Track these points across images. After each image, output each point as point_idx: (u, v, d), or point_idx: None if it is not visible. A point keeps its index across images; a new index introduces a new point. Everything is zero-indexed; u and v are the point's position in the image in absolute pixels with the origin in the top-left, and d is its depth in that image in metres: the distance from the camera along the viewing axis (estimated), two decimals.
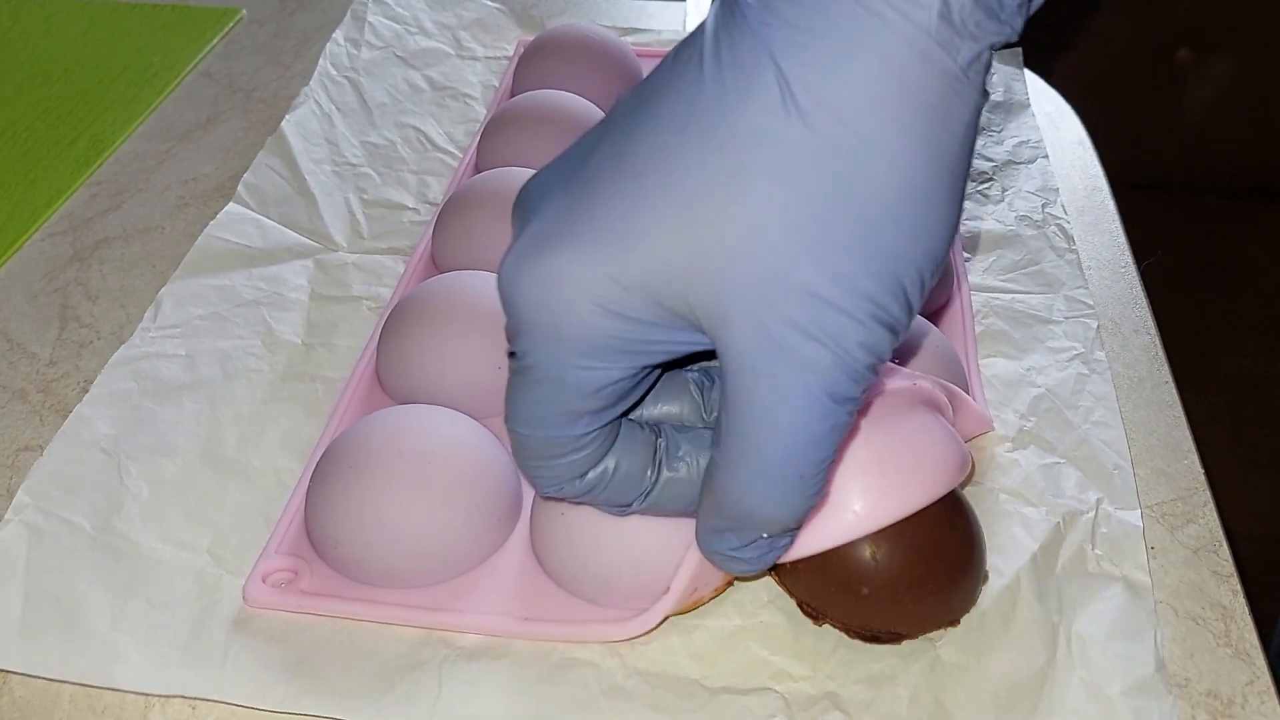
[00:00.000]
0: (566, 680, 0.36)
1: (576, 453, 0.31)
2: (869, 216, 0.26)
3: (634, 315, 0.28)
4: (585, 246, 0.28)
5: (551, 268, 0.28)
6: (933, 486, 0.35)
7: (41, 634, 0.37)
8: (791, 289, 0.27)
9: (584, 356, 0.29)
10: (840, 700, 0.35)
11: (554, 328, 0.29)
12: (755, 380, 0.28)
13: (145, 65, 0.70)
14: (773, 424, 0.28)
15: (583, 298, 0.28)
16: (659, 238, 0.27)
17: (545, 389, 0.30)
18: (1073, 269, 0.52)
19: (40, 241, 0.57)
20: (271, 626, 0.38)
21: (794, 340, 0.27)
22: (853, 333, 0.27)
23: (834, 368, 0.27)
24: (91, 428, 0.45)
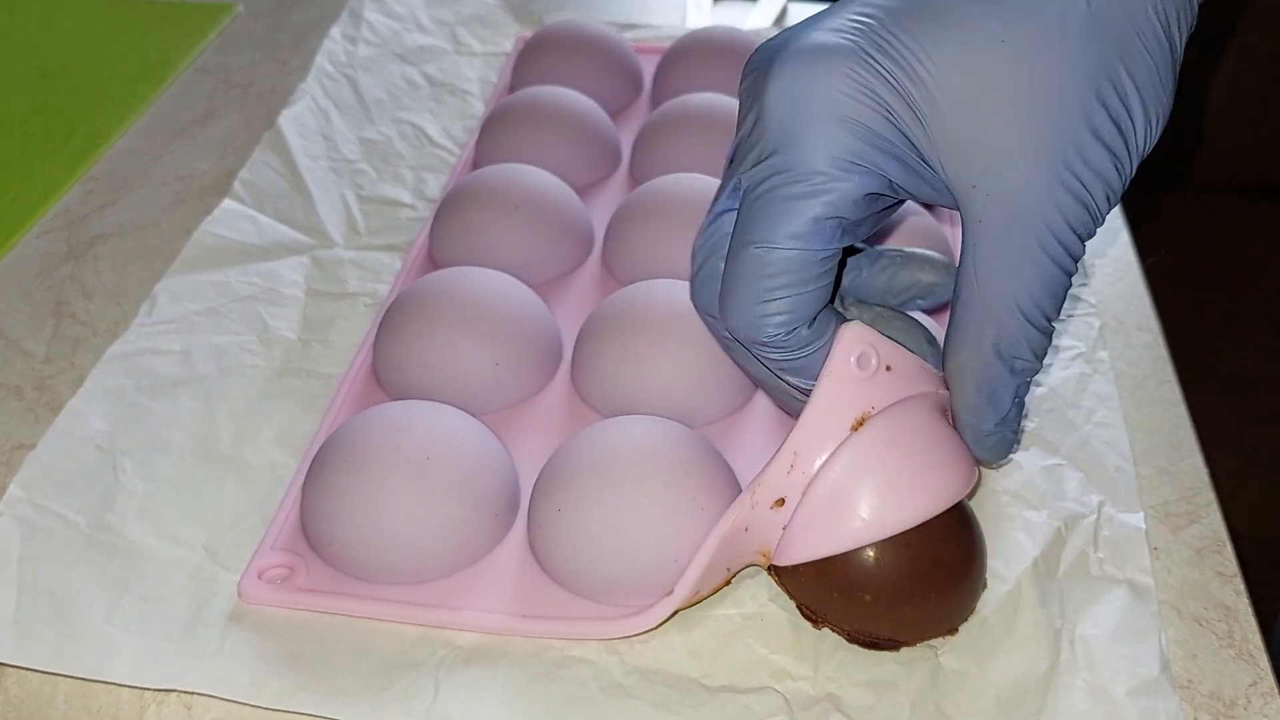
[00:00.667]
0: (564, 678, 0.36)
1: (820, 280, 0.32)
2: (1124, 85, 0.30)
3: (904, 127, 0.31)
4: (870, 52, 0.30)
5: (827, 63, 0.31)
6: (941, 498, 0.35)
7: (35, 628, 0.37)
8: (1047, 144, 0.30)
9: (852, 154, 0.31)
10: (841, 703, 0.35)
11: (822, 123, 0.30)
12: (998, 236, 0.31)
13: (141, 61, 0.69)
14: (1019, 277, 0.31)
15: (858, 91, 0.30)
16: (950, 75, 0.30)
17: (810, 196, 0.31)
18: None
19: (35, 238, 0.56)
20: (267, 623, 0.37)
21: (1037, 198, 0.30)
22: (1090, 192, 0.30)
23: (1073, 223, 0.31)
24: (85, 423, 0.45)
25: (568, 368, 0.47)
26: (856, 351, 0.34)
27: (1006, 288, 0.31)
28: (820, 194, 0.31)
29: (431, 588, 0.38)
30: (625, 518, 0.36)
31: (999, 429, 0.35)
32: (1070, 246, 0.31)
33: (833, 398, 0.34)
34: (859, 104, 0.30)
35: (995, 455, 0.36)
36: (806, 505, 0.35)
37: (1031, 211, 0.30)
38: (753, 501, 0.35)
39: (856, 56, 0.30)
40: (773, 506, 0.35)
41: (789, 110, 0.31)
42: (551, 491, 0.38)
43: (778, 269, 0.31)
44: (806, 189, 0.31)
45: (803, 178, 0.31)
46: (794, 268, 0.31)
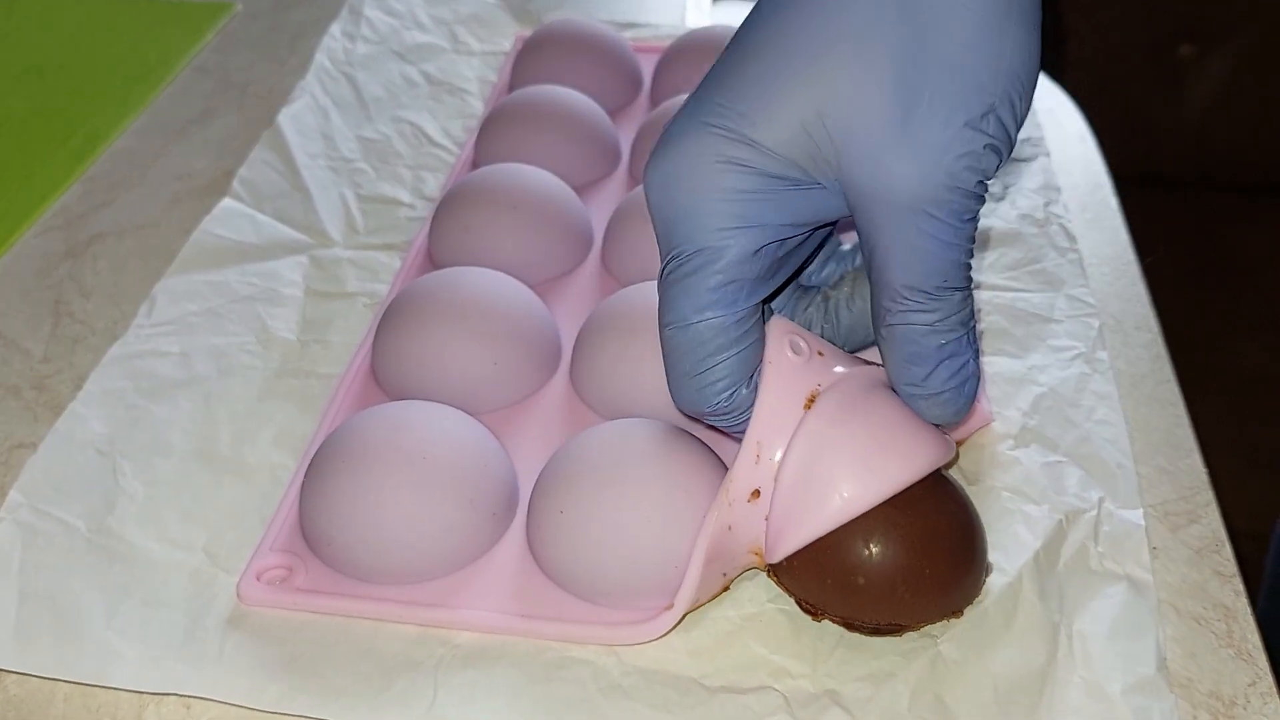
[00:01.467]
0: (563, 679, 0.36)
1: (740, 342, 0.34)
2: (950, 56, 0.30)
3: (761, 168, 0.32)
4: (707, 120, 0.32)
5: (677, 148, 0.33)
6: (914, 464, 0.35)
7: (35, 633, 0.37)
8: (889, 122, 0.31)
9: (726, 220, 0.32)
10: (840, 697, 0.35)
11: (691, 201, 0.32)
12: (888, 216, 0.31)
13: (140, 60, 0.69)
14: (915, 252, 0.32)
15: (710, 160, 0.32)
16: (780, 97, 0.32)
17: (701, 269, 0.33)
18: (1074, 268, 0.52)
19: (34, 237, 0.56)
20: (266, 624, 0.37)
21: (903, 169, 0.31)
22: (954, 152, 0.30)
23: (948, 188, 0.31)
24: (86, 426, 0.45)
25: (566, 368, 0.47)
26: (786, 340, 0.36)
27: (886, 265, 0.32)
28: (707, 266, 0.33)
29: (430, 587, 0.38)
30: (627, 521, 0.36)
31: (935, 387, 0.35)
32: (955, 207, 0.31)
33: (779, 383, 0.35)
34: (714, 171, 0.32)
35: (937, 415, 0.36)
36: (781, 492, 0.35)
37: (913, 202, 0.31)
38: (729, 499, 0.35)
39: (699, 134, 0.32)
40: (750, 500, 0.35)
41: (662, 205, 0.33)
42: (553, 493, 0.38)
43: (695, 343, 0.34)
44: (694, 265, 0.33)
45: (689, 257, 0.33)
46: (709, 338, 0.34)
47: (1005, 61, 0.31)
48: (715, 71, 0.33)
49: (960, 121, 0.30)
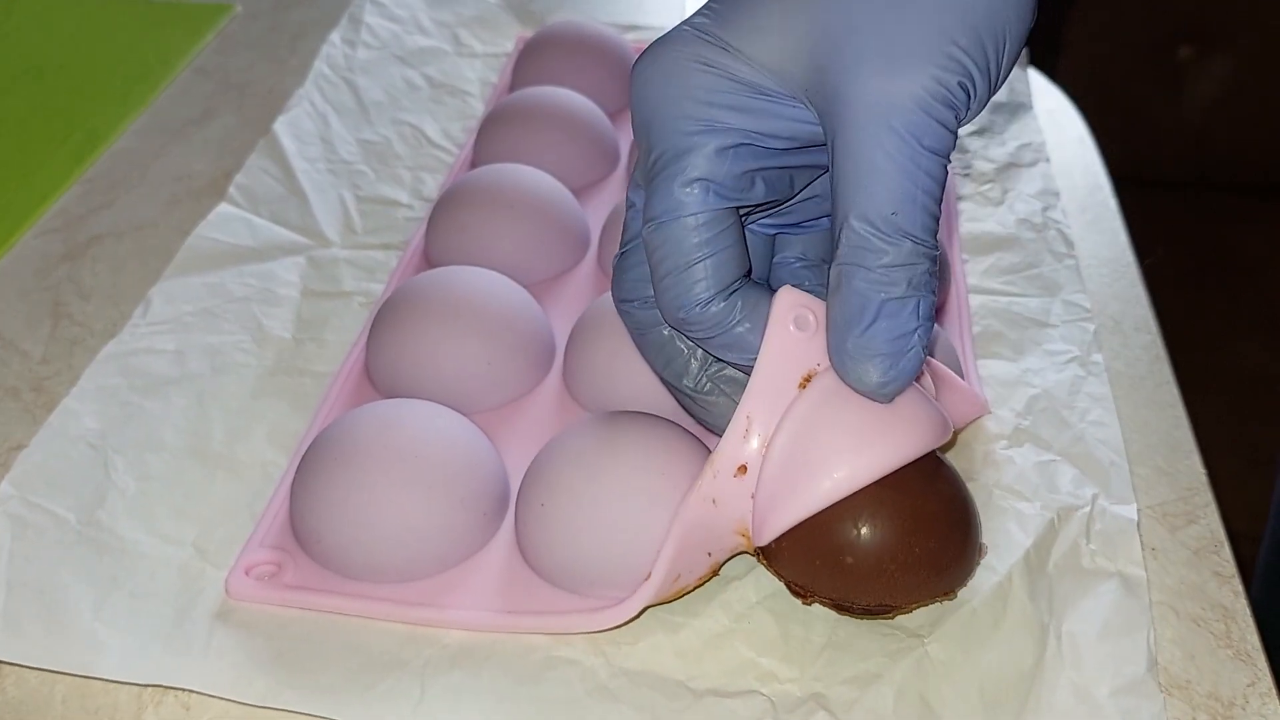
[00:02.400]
0: (550, 680, 0.36)
1: (707, 248, 0.33)
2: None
3: (737, 74, 0.32)
4: (692, 22, 0.33)
5: (665, 51, 0.33)
6: (906, 446, 0.34)
7: (23, 623, 0.37)
8: (869, 35, 0.31)
9: (695, 120, 0.33)
10: (826, 700, 0.35)
11: (665, 102, 0.33)
12: (838, 126, 0.31)
13: (139, 61, 0.70)
14: (855, 164, 0.31)
15: (687, 61, 0.33)
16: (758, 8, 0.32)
17: (671, 167, 0.33)
18: (1071, 274, 0.52)
19: (33, 239, 0.56)
20: (254, 619, 0.37)
21: (876, 82, 0.30)
22: (928, 72, 0.30)
23: (915, 106, 0.30)
24: (78, 421, 0.45)
25: (560, 367, 0.47)
26: (792, 314, 0.35)
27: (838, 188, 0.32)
28: (676, 163, 0.33)
29: (418, 586, 0.38)
30: (609, 511, 0.36)
31: (867, 346, 0.33)
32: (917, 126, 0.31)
33: (776, 359, 0.35)
34: (689, 72, 0.33)
35: (865, 380, 0.33)
36: (769, 471, 0.35)
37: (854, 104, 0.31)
38: (714, 471, 0.35)
39: (683, 37, 0.33)
40: (735, 475, 0.35)
41: (642, 106, 0.34)
42: (536, 486, 0.38)
43: (669, 241, 0.34)
44: (665, 163, 0.33)
45: (663, 154, 0.33)
46: (681, 236, 0.33)
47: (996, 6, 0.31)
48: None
49: (941, 45, 0.31)
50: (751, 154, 0.33)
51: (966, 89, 0.31)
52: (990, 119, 0.63)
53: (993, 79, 0.32)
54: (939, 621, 0.37)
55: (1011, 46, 0.32)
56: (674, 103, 0.33)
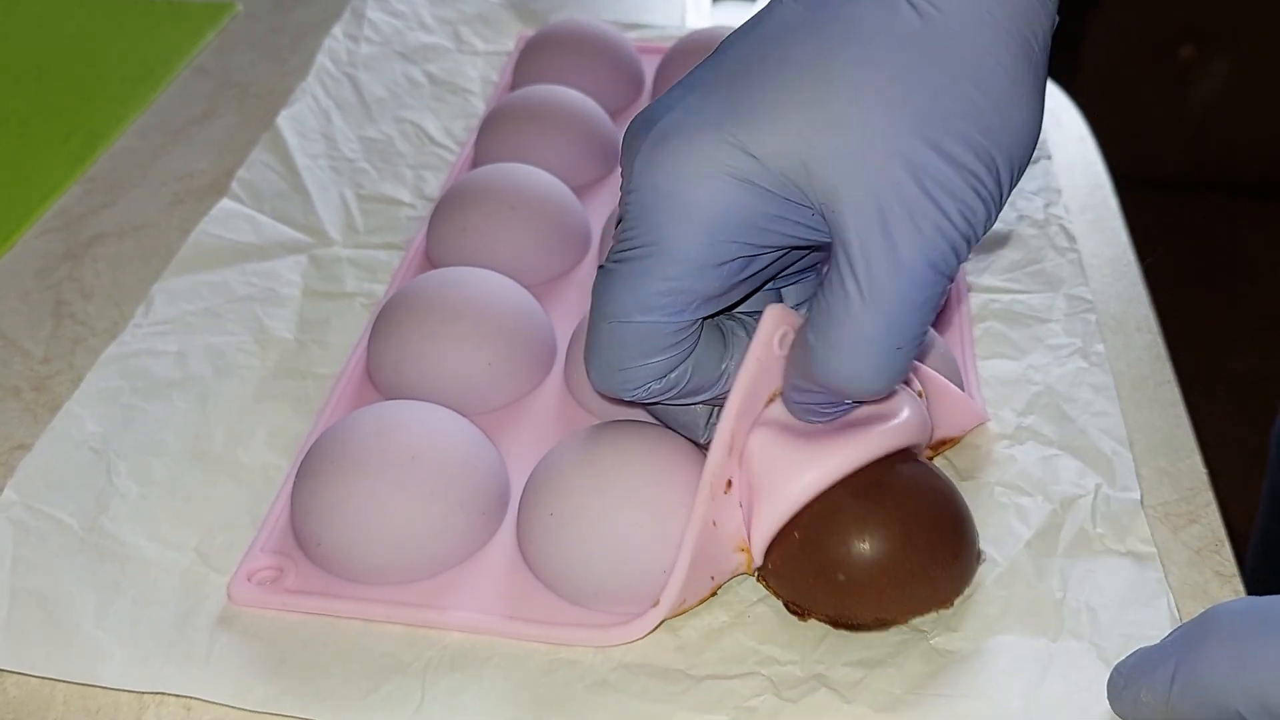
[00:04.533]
0: (551, 681, 0.36)
1: (675, 349, 0.33)
2: (968, 96, 0.29)
3: (762, 184, 0.31)
4: (719, 123, 0.31)
5: (688, 143, 0.31)
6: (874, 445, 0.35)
7: (25, 630, 0.37)
8: (896, 158, 0.29)
9: (711, 231, 0.31)
10: (829, 680, 0.35)
11: (685, 202, 0.31)
12: (863, 251, 0.30)
13: (140, 60, 0.69)
14: (875, 294, 0.30)
15: (715, 168, 0.30)
16: (786, 114, 0.30)
17: (666, 269, 0.31)
18: (1074, 267, 0.52)
19: (34, 238, 0.56)
20: (256, 625, 0.37)
21: (898, 208, 0.29)
22: (952, 201, 0.30)
23: (934, 234, 0.30)
24: (81, 425, 0.45)
25: (561, 368, 0.47)
26: (779, 334, 0.35)
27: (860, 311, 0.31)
28: (661, 266, 0.31)
29: (419, 588, 0.38)
30: (616, 524, 0.36)
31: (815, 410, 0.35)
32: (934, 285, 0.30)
33: (757, 373, 0.35)
34: (713, 177, 0.31)
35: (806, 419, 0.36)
36: (747, 484, 0.36)
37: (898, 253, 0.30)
38: (711, 492, 0.35)
39: (704, 134, 0.31)
40: (725, 491, 0.36)
41: (649, 193, 0.31)
42: (542, 494, 0.38)
43: (629, 341, 0.33)
44: (649, 261, 0.32)
45: (651, 252, 0.32)
46: (643, 339, 0.33)
47: (1015, 119, 0.30)
48: (722, 76, 0.32)
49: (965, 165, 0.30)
50: (743, 267, 0.32)
51: (987, 223, 0.31)
52: None
53: (1003, 205, 0.31)
54: (941, 618, 0.37)
55: (1024, 168, 0.31)
56: (690, 208, 0.31)
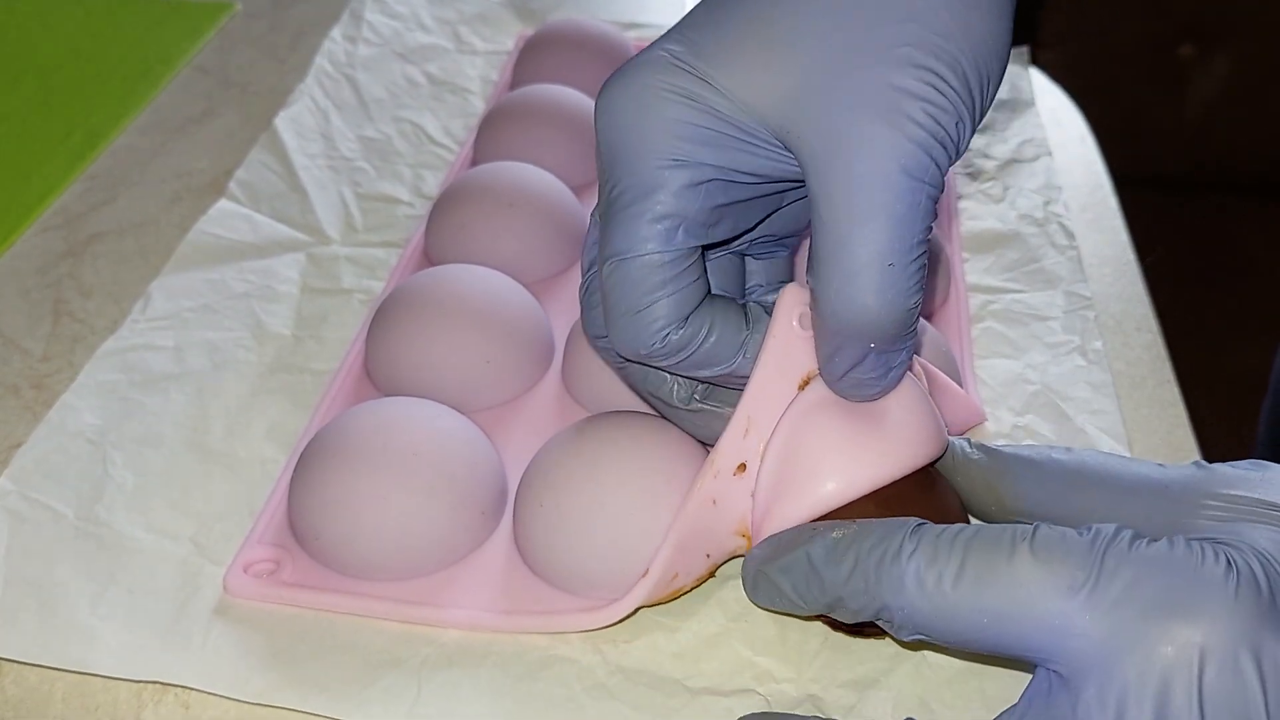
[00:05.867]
0: (547, 678, 0.36)
1: (678, 281, 0.32)
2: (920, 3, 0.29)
3: (714, 107, 0.31)
4: (670, 51, 0.31)
5: (638, 78, 0.31)
6: (905, 456, 0.34)
7: (20, 618, 0.37)
8: (850, 69, 0.29)
9: (668, 154, 0.31)
10: (823, 704, 0.35)
11: (637, 132, 0.31)
12: (829, 169, 0.30)
13: (140, 59, 0.70)
14: (852, 211, 0.29)
15: (672, 91, 0.31)
16: (734, 37, 0.30)
17: (637, 203, 0.31)
18: (1073, 265, 0.52)
19: (34, 236, 0.56)
20: (252, 617, 0.37)
21: (856, 117, 0.29)
22: (915, 102, 0.29)
23: (900, 137, 0.29)
24: (77, 417, 0.45)
25: (559, 366, 0.47)
26: (797, 312, 0.34)
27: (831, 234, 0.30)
28: (644, 199, 0.31)
29: (416, 584, 0.38)
30: (609, 511, 0.36)
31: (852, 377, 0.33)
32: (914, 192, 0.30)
33: (778, 358, 0.34)
34: (664, 102, 0.31)
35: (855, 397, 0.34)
36: (766, 471, 0.34)
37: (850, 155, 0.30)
38: (714, 470, 0.35)
39: (657, 62, 0.31)
40: (735, 474, 0.35)
41: (609, 133, 0.32)
42: (535, 486, 0.38)
43: (633, 279, 0.32)
44: (632, 198, 0.32)
45: (629, 188, 0.32)
46: (645, 274, 0.32)
47: (976, 25, 0.30)
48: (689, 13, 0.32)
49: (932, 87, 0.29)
50: (722, 190, 0.32)
51: (960, 129, 0.30)
52: (992, 117, 0.63)
53: (980, 116, 0.31)
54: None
55: (996, 77, 0.31)
56: (646, 133, 0.31)
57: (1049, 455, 0.35)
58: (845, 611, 0.31)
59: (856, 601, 0.31)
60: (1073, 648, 0.28)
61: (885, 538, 0.31)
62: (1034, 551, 0.29)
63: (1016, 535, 0.29)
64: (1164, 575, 0.28)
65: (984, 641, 0.29)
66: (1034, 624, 0.28)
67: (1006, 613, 0.28)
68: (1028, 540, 0.29)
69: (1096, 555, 0.28)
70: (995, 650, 0.29)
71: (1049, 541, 0.29)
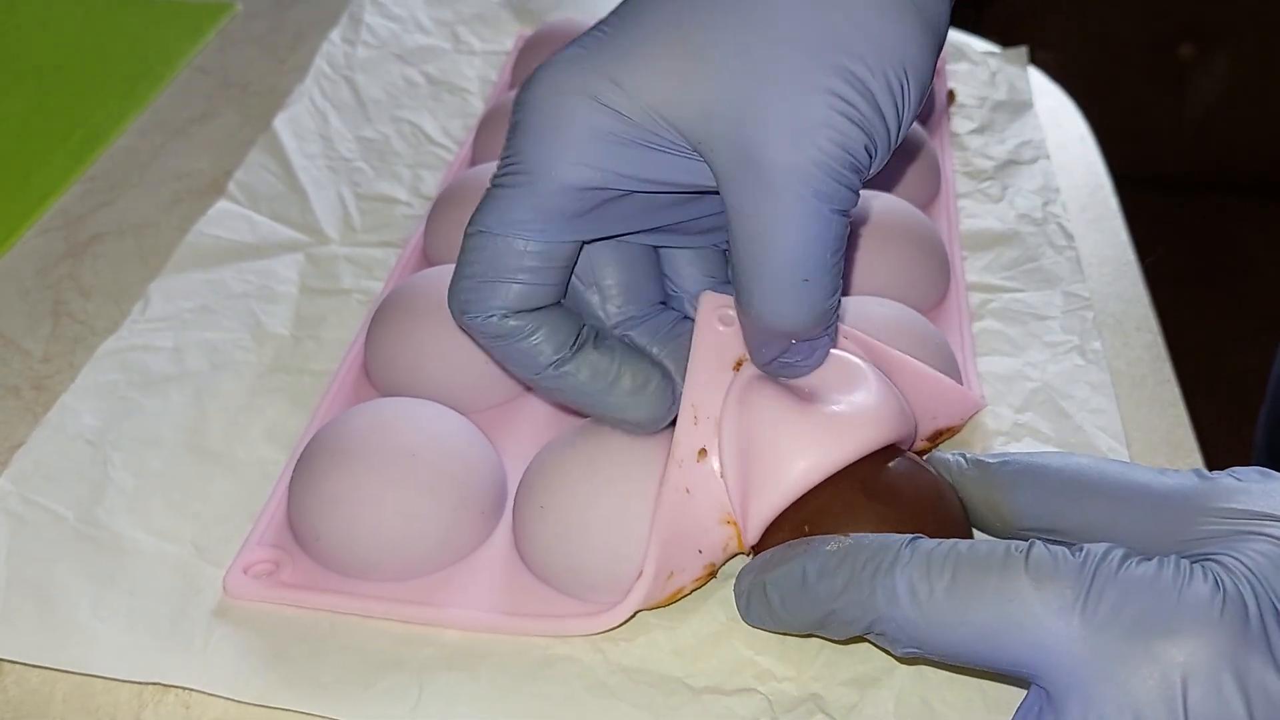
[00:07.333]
0: (548, 677, 0.36)
1: (526, 274, 0.33)
2: (825, 20, 0.29)
3: (627, 114, 0.31)
4: (592, 52, 0.31)
5: (559, 70, 0.32)
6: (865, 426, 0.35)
7: (20, 619, 0.37)
8: (758, 91, 0.29)
9: (574, 151, 0.31)
10: (825, 703, 0.35)
11: (549, 118, 0.31)
12: (742, 188, 0.30)
13: (140, 60, 0.70)
14: (765, 232, 0.30)
15: (583, 91, 0.31)
16: (652, 51, 0.30)
17: (528, 185, 0.32)
18: (1071, 264, 0.52)
19: (34, 237, 0.56)
20: (252, 618, 0.37)
21: (770, 138, 0.29)
22: (823, 129, 0.29)
23: (809, 164, 0.29)
24: (77, 418, 0.45)
25: None
26: (717, 314, 0.36)
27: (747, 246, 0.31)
28: (528, 186, 0.32)
29: (416, 585, 0.38)
30: (608, 515, 0.36)
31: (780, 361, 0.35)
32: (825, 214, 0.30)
33: (708, 353, 0.36)
34: (577, 103, 0.31)
35: (781, 374, 0.36)
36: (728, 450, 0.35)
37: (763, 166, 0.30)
38: (677, 460, 0.35)
39: (576, 61, 0.32)
40: (698, 460, 0.36)
41: (521, 110, 0.32)
42: (535, 488, 0.38)
43: (490, 255, 0.33)
44: (518, 181, 0.32)
45: (517, 170, 0.32)
46: (503, 255, 0.33)
47: (882, 34, 0.29)
48: (609, 18, 0.32)
49: (839, 107, 0.29)
50: (615, 195, 0.32)
51: (870, 150, 0.30)
52: (991, 117, 0.63)
53: (896, 129, 0.31)
54: None
55: (914, 87, 0.30)
56: (555, 125, 0.31)
57: (1047, 464, 0.35)
58: (838, 625, 0.32)
59: (850, 613, 0.31)
60: (1060, 666, 0.28)
61: (880, 550, 0.31)
62: (1027, 569, 0.29)
63: (1010, 551, 0.29)
64: (1150, 596, 0.28)
65: (975, 656, 0.29)
66: (1023, 641, 0.28)
67: (997, 628, 0.29)
68: (1022, 557, 0.29)
69: (1086, 575, 0.28)
70: (986, 665, 0.29)
71: (1041, 560, 0.29)
